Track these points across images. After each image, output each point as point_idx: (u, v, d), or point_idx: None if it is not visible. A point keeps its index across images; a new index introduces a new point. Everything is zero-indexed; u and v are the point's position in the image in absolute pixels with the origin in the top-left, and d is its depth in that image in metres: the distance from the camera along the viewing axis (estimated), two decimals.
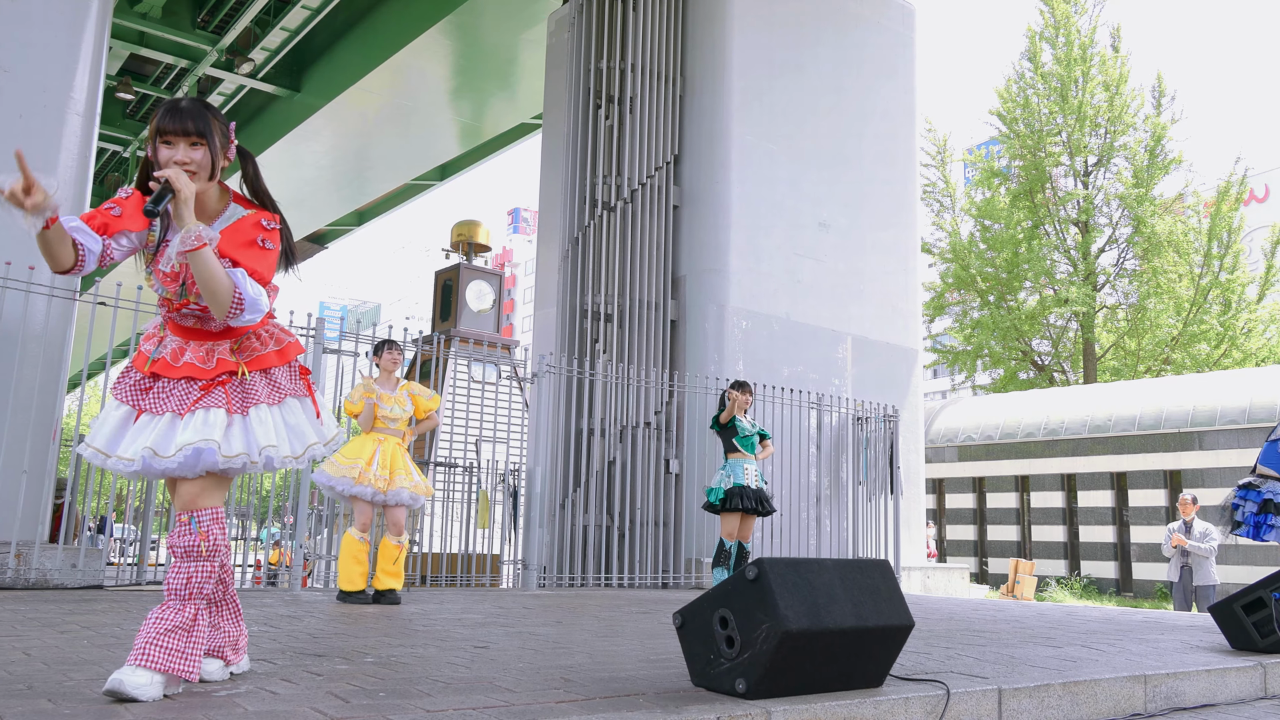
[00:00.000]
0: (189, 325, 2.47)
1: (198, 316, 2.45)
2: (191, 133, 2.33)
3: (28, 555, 6.10)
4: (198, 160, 2.35)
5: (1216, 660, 3.98)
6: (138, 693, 2.25)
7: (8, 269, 6.12)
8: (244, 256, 2.36)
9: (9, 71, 6.70)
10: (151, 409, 2.41)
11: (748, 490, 6.83)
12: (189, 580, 2.36)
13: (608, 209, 10.13)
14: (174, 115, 2.34)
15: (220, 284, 2.28)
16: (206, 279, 2.27)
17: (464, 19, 13.90)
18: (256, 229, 2.40)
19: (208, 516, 2.41)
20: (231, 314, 2.33)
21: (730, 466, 6.94)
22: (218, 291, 2.28)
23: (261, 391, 2.48)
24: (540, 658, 3.41)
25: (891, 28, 12.28)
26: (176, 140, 2.34)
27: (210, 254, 2.26)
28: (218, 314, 2.32)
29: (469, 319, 16.44)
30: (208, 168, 2.38)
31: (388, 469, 5.77)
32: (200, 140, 2.35)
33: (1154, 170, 22.65)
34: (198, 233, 2.24)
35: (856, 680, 2.80)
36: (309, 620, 4.59)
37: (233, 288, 2.30)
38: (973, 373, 25.55)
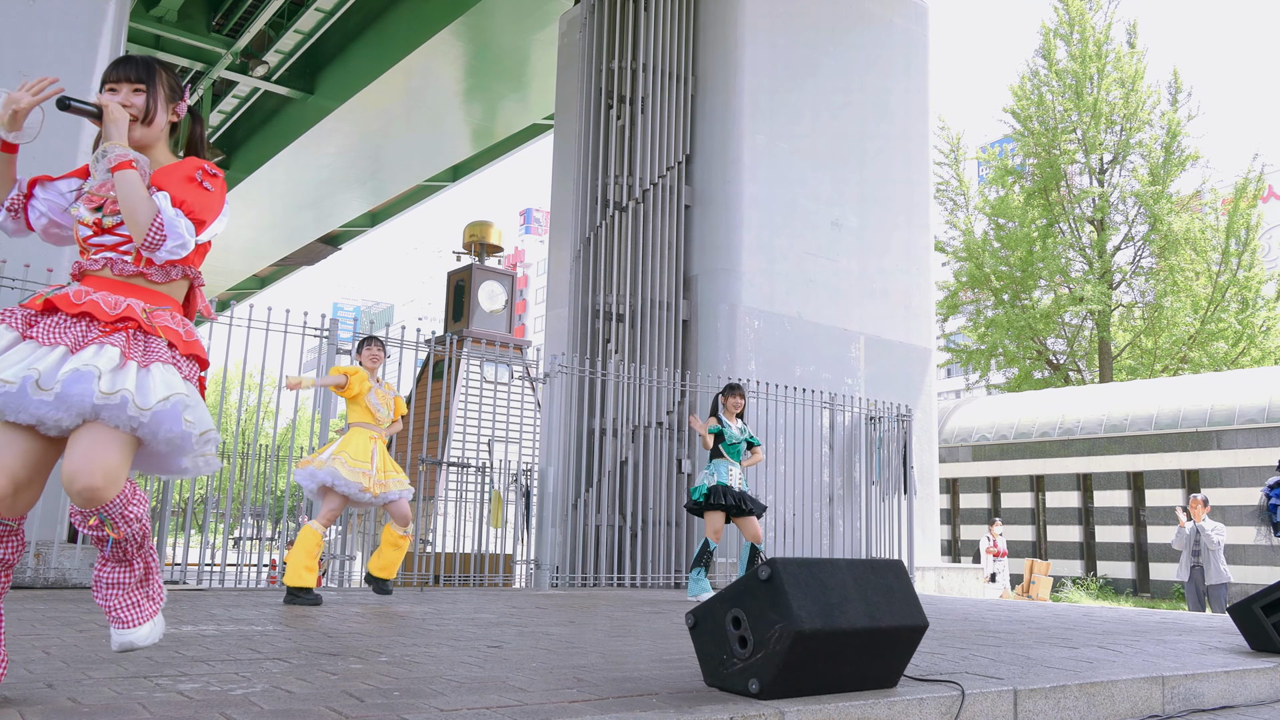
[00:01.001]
0: (100, 273, 2.31)
1: (109, 260, 2.30)
2: (134, 79, 2.37)
3: (46, 555, 6.15)
4: (138, 105, 2.37)
5: (1235, 661, 3.95)
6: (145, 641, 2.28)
7: (26, 271, 6.17)
8: (176, 188, 2.30)
9: (27, 76, 6.75)
10: (40, 338, 2.18)
11: (730, 490, 6.76)
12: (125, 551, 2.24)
13: (619, 209, 10.13)
14: (119, 64, 2.40)
15: (141, 203, 2.21)
16: (127, 197, 2.21)
17: (476, 20, 13.94)
18: (196, 168, 2.36)
19: (117, 505, 2.17)
20: (150, 238, 2.21)
21: (714, 466, 6.88)
22: (137, 210, 2.20)
23: (165, 354, 2.26)
24: (553, 657, 3.42)
25: (905, 26, 12.24)
26: (120, 86, 2.38)
27: (136, 175, 2.23)
28: (136, 236, 2.22)
29: (481, 319, 16.50)
30: (143, 113, 2.38)
31: (384, 471, 5.77)
32: (141, 87, 2.38)
33: (1170, 167, 22.49)
34: (122, 152, 2.25)
35: (870, 681, 2.79)
36: (323, 619, 4.61)
37: (155, 211, 2.22)
38: (987, 372, 25.44)
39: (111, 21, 7.28)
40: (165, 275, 2.35)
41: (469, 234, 18.50)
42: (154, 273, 2.33)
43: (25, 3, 6.84)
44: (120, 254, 2.31)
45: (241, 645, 3.46)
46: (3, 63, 6.71)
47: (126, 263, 2.30)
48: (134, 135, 2.35)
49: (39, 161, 6.65)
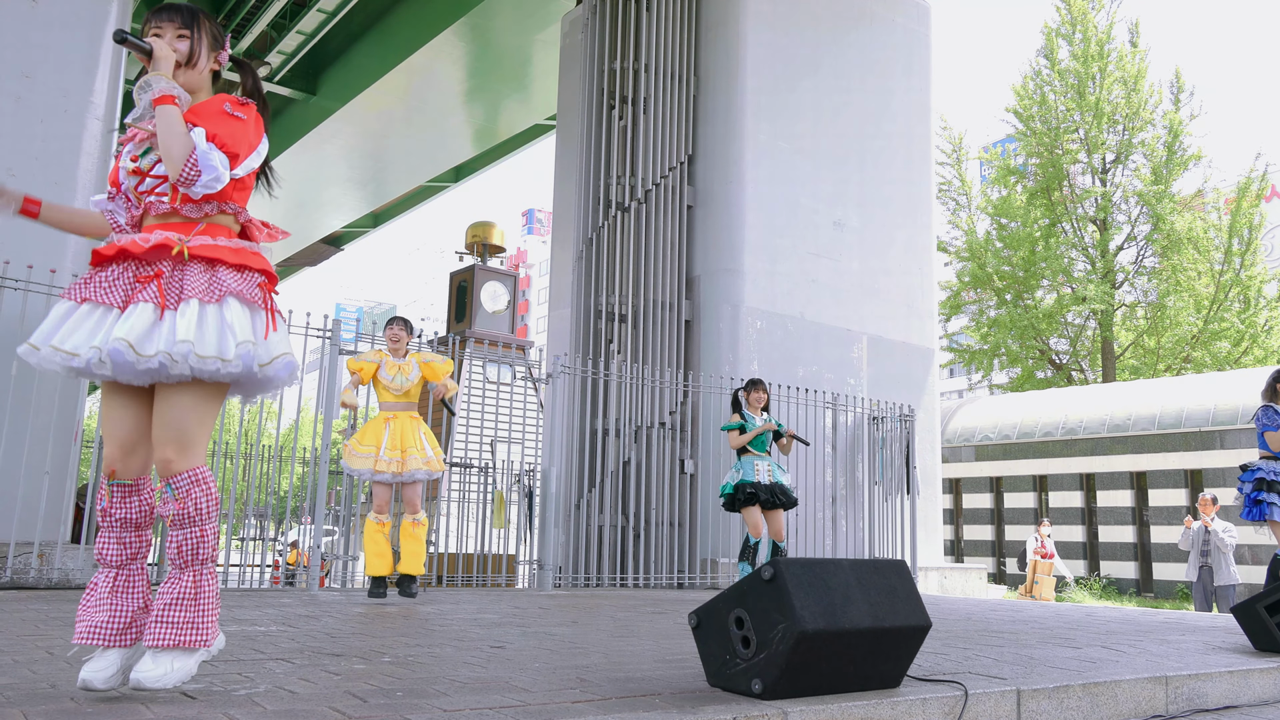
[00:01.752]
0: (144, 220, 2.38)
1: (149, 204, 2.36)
2: (179, 24, 2.41)
3: (50, 555, 6.16)
4: (182, 49, 2.40)
5: (1239, 661, 3.94)
6: (156, 684, 2.24)
7: (30, 272, 6.19)
8: (209, 123, 2.33)
9: (30, 77, 6.77)
10: (94, 297, 2.28)
11: (760, 484, 6.82)
12: (179, 549, 2.29)
13: (622, 209, 10.13)
14: (165, 9, 2.43)
15: (178, 139, 2.24)
16: (165, 132, 2.25)
17: (478, 21, 13.95)
18: (224, 100, 2.40)
19: (185, 481, 2.27)
20: (185, 173, 2.24)
21: (742, 464, 6.95)
22: (173, 146, 2.24)
23: (197, 285, 2.27)
24: (556, 658, 3.42)
25: (907, 26, 12.23)
26: (165, 29, 2.40)
27: (176, 110, 2.27)
28: (172, 172, 2.25)
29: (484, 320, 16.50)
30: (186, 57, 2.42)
31: (399, 448, 5.76)
32: (186, 33, 2.41)
33: (1173, 167, 22.46)
34: (166, 85, 2.29)
35: (873, 681, 2.79)
36: (327, 620, 4.61)
37: (190, 146, 2.25)
38: (989, 372, 25.41)
39: (114, 22, 7.29)
40: (199, 210, 2.37)
41: (471, 234, 18.50)
42: (188, 209, 2.36)
43: (28, 3, 6.85)
44: (157, 195, 2.36)
45: (245, 645, 3.46)
46: (5, 63, 6.72)
47: (163, 202, 2.35)
48: (178, 79, 2.38)
49: (40, 163, 6.68)
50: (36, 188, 6.83)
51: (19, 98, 6.71)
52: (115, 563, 2.35)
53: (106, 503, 2.33)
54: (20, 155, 6.65)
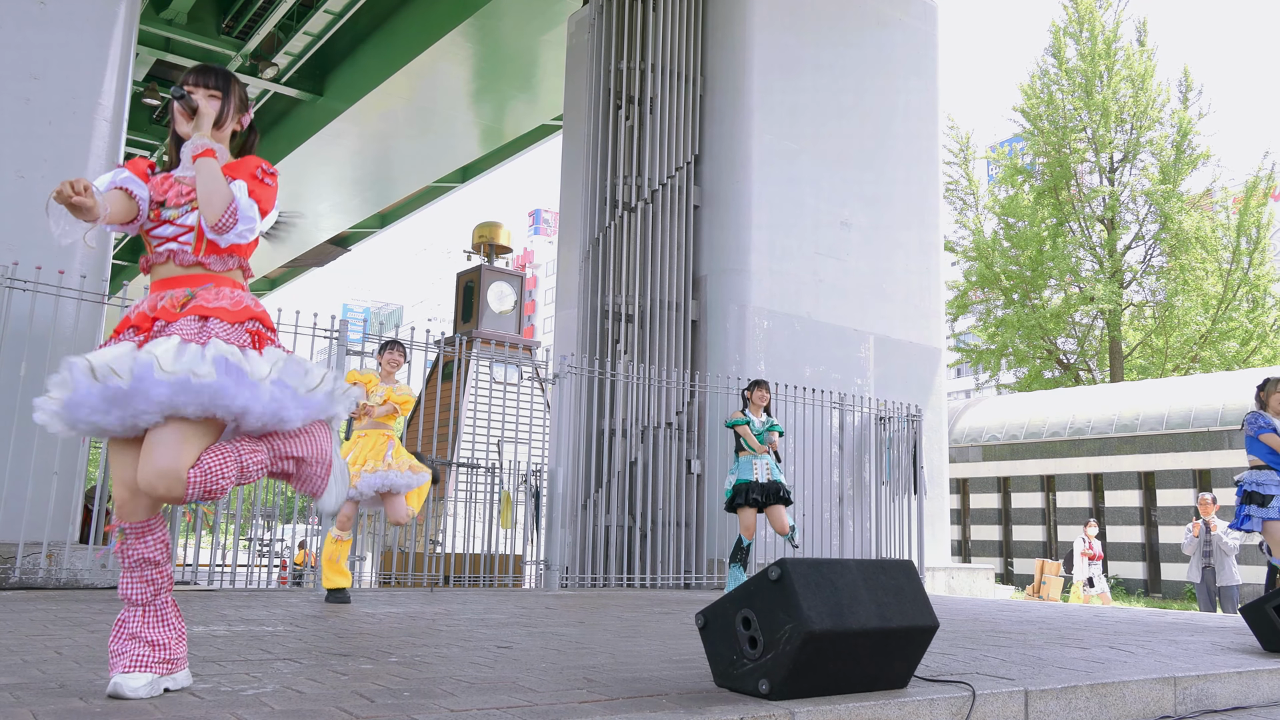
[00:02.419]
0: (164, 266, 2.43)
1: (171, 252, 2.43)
2: (212, 86, 2.55)
3: (59, 556, 6.19)
4: (214, 110, 2.55)
5: (1248, 662, 3.93)
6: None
7: (38, 274, 6.21)
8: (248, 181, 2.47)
9: (39, 78, 6.80)
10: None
11: (755, 484, 6.90)
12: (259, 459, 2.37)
13: (628, 209, 10.13)
14: (203, 72, 2.58)
15: (219, 189, 2.37)
16: (207, 182, 2.37)
17: (484, 22, 13.96)
18: (257, 165, 2.53)
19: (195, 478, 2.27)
20: (223, 220, 2.36)
21: (739, 465, 7.05)
22: (214, 195, 2.36)
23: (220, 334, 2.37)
24: (563, 658, 3.42)
25: (914, 25, 12.21)
26: (198, 91, 2.54)
27: (215, 162, 2.41)
28: (210, 217, 2.36)
29: (491, 320, 16.52)
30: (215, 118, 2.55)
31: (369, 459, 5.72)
32: (218, 94, 2.56)
33: (1181, 166, 22.37)
34: (204, 141, 2.43)
35: (881, 681, 2.79)
36: (333, 620, 4.62)
37: (230, 196, 2.38)
38: (997, 372, 25.34)
39: (122, 24, 7.31)
40: (223, 264, 2.48)
41: (478, 235, 18.52)
42: (212, 261, 2.46)
43: (37, 5, 6.88)
44: (181, 244, 2.46)
45: (252, 646, 3.47)
46: (14, 65, 6.75)
47: (186, 252, 2.45)
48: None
49: (48, 164, 6.70)
50: (44, 189, 6.84)
51: (28, 99, 6.74)
52: (141, 601, 2.39)
53: (118, 544, 2.37)
54: (29, 157, 6.68)
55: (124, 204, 2.40)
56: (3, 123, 6.63)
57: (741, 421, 7.09)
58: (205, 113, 2.49)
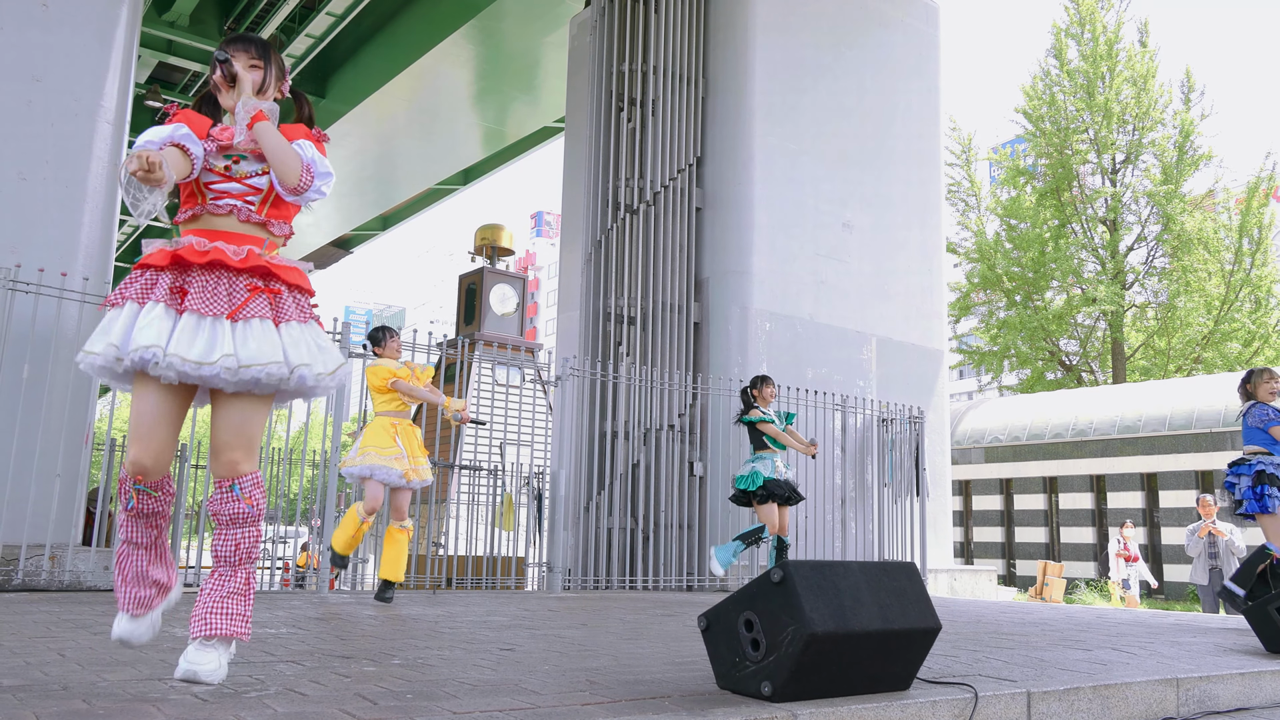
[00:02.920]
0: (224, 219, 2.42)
1: (234, 208, 2.42)
2: (253, 54, 2.55)
3: (61, 558, 6.19)
4: (255, 79, 2.54)
5: (1251, 663, 3.92)
6: (210, 678, 2.37)
7: (41, 275, 6.22)
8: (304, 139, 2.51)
9: (41, 80, 6.81)
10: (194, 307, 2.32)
11: (779, 481, 6.90)
12: (238, 546, 2.41)
13: (630, 212, 10.14)
14: (240, 40, 2.57)
15: (288, 149, 2.40)
16: (274, 146, 2.39)
17: (486, 24, 13.98)
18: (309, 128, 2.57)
19: (249, 482, 2.42)
20: (303, 180, 2.40)
21: (759, 459, 7.01)
22: (288, 157, 2.38)
23: (291, 308, 2.45)
24: (566, 660, 3.42)
25: (915, 26, 12.21)
26: (239, 59, 2.53)
27: (274, 127, 2.42)
28: (289, 179, 2.39)
29: (493, 322, 16.52)
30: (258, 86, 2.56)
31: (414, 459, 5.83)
32: (259, 63, 2.55)
33: (1183, 167, 22.35)
34: (258, 103, 2.43)
35: (883, 683, 2.79)
36: (336, 622, 4.62)
37: (300, 156, 2.41)
38: (999, 373, 25.32)
39: (124, 26, 7.33)
40: (281, 229, 2.50)
41: (480, 237, 18.53)
42: (275, 225, 2.48)
43: (39, 7, 6.89)
44: (246, 203, 2.44)
45: (255, 647, 3.47)
46: (17, 66, 6.76)
47: (252, 211, 2.44)
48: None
49: (51, 166, 6.71)
50: (47, 190, 6.87)
51: (30, 101, 6.75)
52: (144, 543, 2.46)
53: (135, 503, 2.40)
54: (31, 158, 6.69)
55: (181, 162, 2.37)
56: (4, 124, 6.64)
57: (768, 418, 7.03)
58: (246, 77, 2.47)
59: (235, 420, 2.40)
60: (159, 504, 2.44)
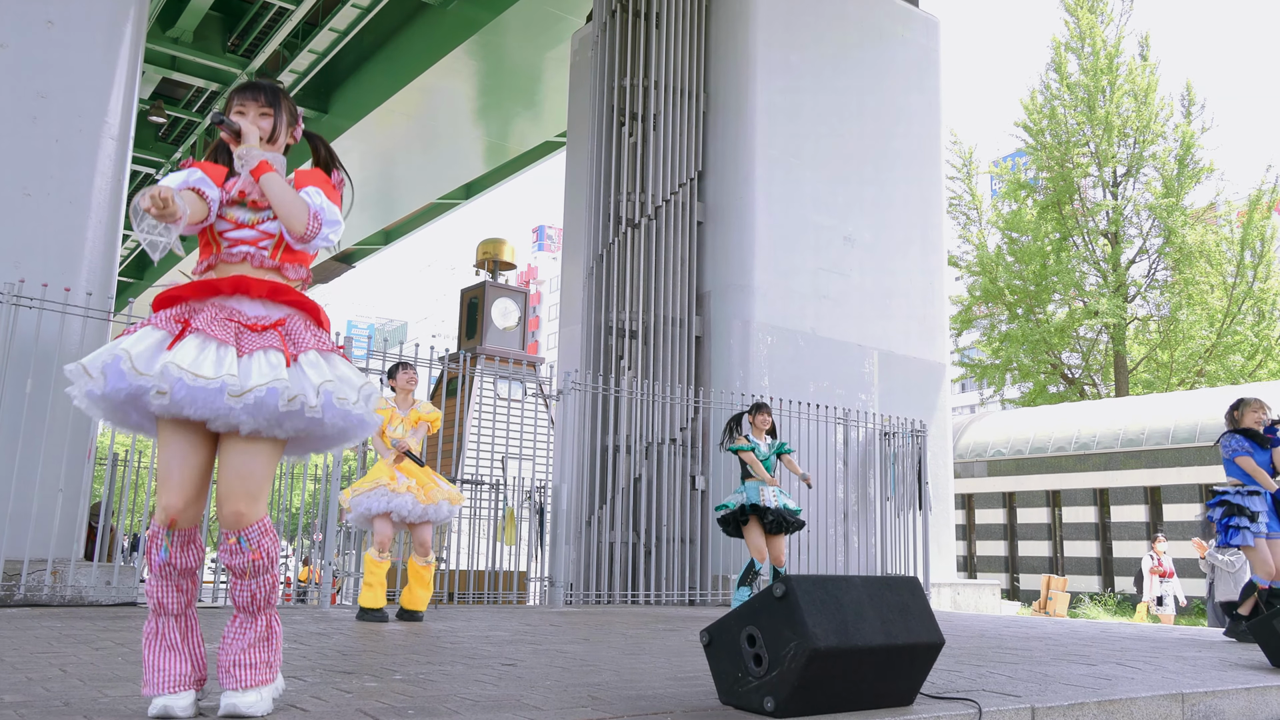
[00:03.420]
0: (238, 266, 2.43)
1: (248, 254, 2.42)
2: (263, 103, 2.56)
3: (64, 573, 6.18)
4: (264, 127, 2.56)
5: (1256, 678, 3.90)
6: (251, 711, 2.32)
7: (44, 290, 6.24)
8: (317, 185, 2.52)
9: (46, 96, 6.85)
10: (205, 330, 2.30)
11: (766, 507, 6.71)
12: (253, 597, 2.37)
13: (632, 225, 10.16)
14: (250, 89, 2.58)
15: (293, 198, 2.41)
16: (279, 196, 2.40)
17: (489, 39, 14.05)
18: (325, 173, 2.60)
19: (255, 532, 2.35)
20: (310, 227, 2.41)
21: (746, 488, 6.84)
22: (293, 206, 2.40)
23: (309, 338, 2.42)
24: (568, 675, 3.41)
25: (915, 40, 12.26)
26: (248, 108, 2.55)
27: (278, 175, 2.43)
28: (296, 227, 2.39)
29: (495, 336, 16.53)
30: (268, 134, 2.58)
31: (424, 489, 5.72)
32: (269, 111, 2.56)
33: (1184, 180, 22.38)
34: (259, 154, 2.44)
35: (886, 699, 2.77)
36: (338, 637, 4.61)
37: (306, 204, 2.42)
38: (1001, 386, 25.29)
39: (128, 42, 7.37)
40: (297, 272, 2.51)
41: (482, 251, 18.55)
42: (289, 269, 2.49)
43: (44, 24, 6.94)
44: (259, 249, 2.46)
45: None
46: (21, 83, 6.79)
47: (265, 257, 2.45)
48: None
49: (55, 182, 6.75)
50: (51, 206, 6.90)
51: (35, 117, 6.79)
52: (175, 611, 2.38)
53: (169, 554, 2.33)
54: (36, 174, 6.72)
55: (197, 205, 2.39)
56: (9, 141, 6.67)
57: (746, 447, 6.84)
58: (249, 130, 2.48)
59: (238, 465, 2.32)
60: (190, 558, 2.37)
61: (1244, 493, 5.88)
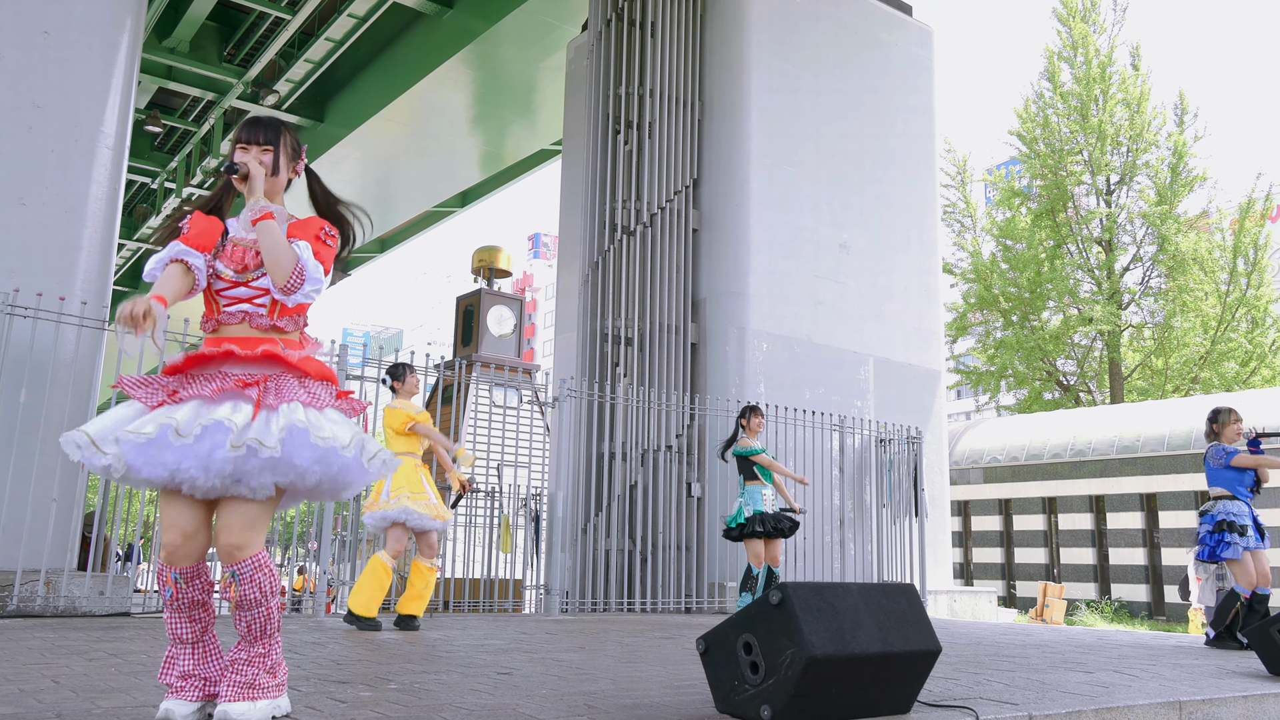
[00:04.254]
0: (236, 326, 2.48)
1: (246, 314, 2.47)
2: (263, 141, 2.60)
3: (57, 583, 6.16)
4: (266, 163, 2.61)
5: (1254, 685, 3.90)
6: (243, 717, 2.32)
7: (39, 300, 6.23)
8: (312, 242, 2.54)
9: (42, 107, 6.85)
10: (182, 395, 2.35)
11: (766, 515, 6.94)
12: (249, 628, 2.39)
13: (627, 233, 10.17)
14: (252, 126, 2.63)
15: (284, 251, 2.45)
16: (271, 246, 2.44)
17: (484, 48, 14.08)
18: (320, 227, 2.60)
19: (249, 566, 2.35)
20: (292, 282, 2.44)
21: (749, 493, 7.04)
22: (281, 258, 2.44)
23: (297, 392, 2.41)
24: (563, 684, 3.40)
25: (909, 49, 12.31)
26: (250, 147, 2.60)
27: (275, 225, 2.47)
28: (278, 279, 2.43)
29: (490, 344, 16.52)
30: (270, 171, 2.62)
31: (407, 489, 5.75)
32: (269, 148, 2.61)
33: (1177, 187, 22.49)
34: (263, 205, 2.49)
35: (883, 707, 2.77)
36: (332, 647, 4.59)
37: (296, 257, 2.46)
38: (996, 393, 25.34)
39: (125, 52, 7.37)
40: (294, 325, 2.55)
41: (477, 259, 18.56)
42: (286, 323, 2.52)
43: (40, 35, 6.94)
44: (256, 306, 2.51)
45: None
46: (18, 93, 6.79)
47: (261, 315, 2.50)
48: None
49: (51, 192, 6.73)
50: (46, 215, 6.88)
51: (31, 127, 6.78)
52: (190, 639, 2.42)
53: (174, 592, 2.37)
54: (32, 184, 6.71)
55: (182, 280, 2.43)
56: (5, 150, 6.67)
57: (761, 450, 7.11)
58: (256, 175, 2.53)
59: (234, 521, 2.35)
60: (198, 593, 2.40)
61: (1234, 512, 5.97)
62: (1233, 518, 5.94)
